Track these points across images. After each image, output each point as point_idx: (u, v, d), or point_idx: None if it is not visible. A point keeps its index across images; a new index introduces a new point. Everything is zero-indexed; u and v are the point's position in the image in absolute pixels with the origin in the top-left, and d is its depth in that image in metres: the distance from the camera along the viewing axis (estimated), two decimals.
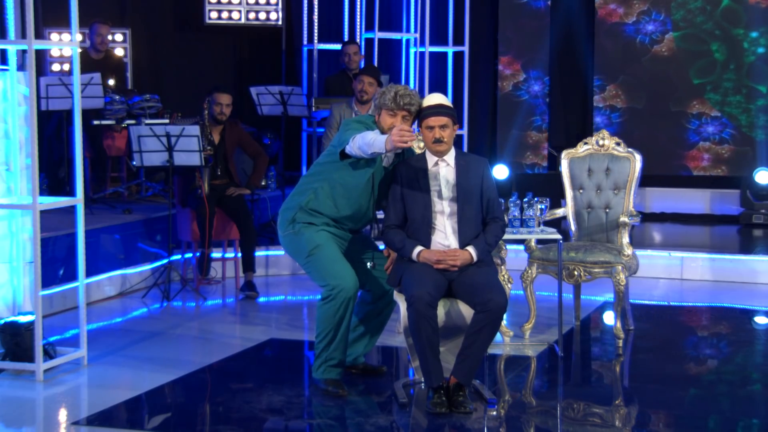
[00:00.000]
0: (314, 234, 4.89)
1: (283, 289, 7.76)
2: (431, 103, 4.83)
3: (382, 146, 4.46)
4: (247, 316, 6.89)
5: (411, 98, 4.77)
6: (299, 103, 8.93)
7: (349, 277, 4.79)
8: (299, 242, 4.92)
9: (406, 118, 4.79)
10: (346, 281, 4.77)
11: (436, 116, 4.77)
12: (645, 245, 8.37)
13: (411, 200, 4.79)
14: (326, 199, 4.89)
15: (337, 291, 4.77)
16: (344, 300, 4.77)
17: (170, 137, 7.06)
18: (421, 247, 4.76)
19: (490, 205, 4.83)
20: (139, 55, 10.40)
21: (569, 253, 5.96)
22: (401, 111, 4.76)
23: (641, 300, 7.18)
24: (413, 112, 4.79)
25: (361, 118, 4.91)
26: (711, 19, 10.01)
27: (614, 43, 10.17)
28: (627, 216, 6.05)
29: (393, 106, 4.76)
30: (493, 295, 4.58)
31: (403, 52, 10.14)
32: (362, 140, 4.54)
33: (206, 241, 7.23)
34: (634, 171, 6.21)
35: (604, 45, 10.18)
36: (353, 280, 4.79)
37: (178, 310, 6.98)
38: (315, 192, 4.92)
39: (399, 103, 4.75)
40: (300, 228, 4.92)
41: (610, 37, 10.16)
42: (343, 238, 4.97)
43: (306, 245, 4.88)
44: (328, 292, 4.80)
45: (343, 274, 4.79)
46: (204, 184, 7.23)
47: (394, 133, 4.38)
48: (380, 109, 4.81)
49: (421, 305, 4.54)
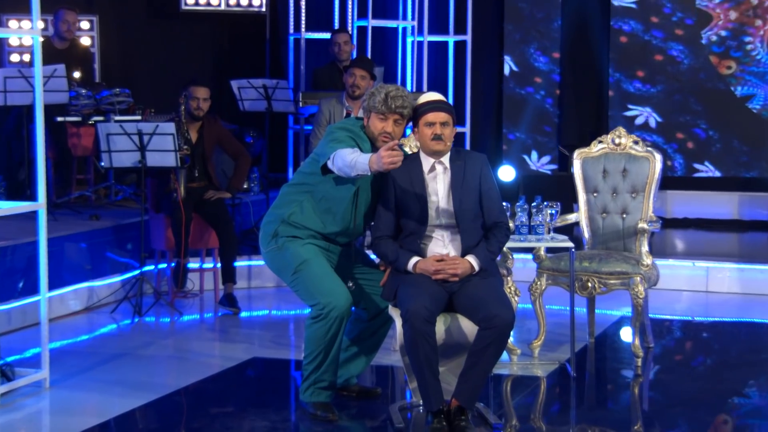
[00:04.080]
0: (300, 248, 4.88)
1: (267, 303, 7.75)
2: (430, 99, 4.83)
3: (366, 167, 4.45)
4: (228, 332, 6.88)
5: (403, 100, 4.76)
6: (285, 98, 8.93)
7: (340, 294, 4.78)
8: (284, 258, 4.91)
9: (398, 122, 4.78)
10: (337, 298, 4.77)
11: (436, 111, 4.77)
12: (666, 254, 8.38)
13: (405, 208, 4.80)
14: (311, 213, 4.89)
15: (328, 309, 4.76)
16: (336, 319, 4.77)
17: (142, 135, 7.06)
18: (417, 258, 4.76)
19: (491, 208, 4.83)
20: (107, 45, 10.39)
21: (582, 263, 5.96)
22: (393, 114, 4.76)
23: (662, 315, 7.18)
24: (406, 115, 4.79)
25: (347, 124, 4.88)
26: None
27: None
28: (646, 222, 6.06)
29: (383, 109, 4.75)
30: (499, 309, 4.58)
31: (399, 42, 10.14)
32: (342, 162, 4.54)
33: (182, 250, 7.23)
34: (654, 172, 6.22)
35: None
36: (345, 297, 4.79)
37: (150, 327, 6.96)
38: (300, 205, 4.91)
39: (390, 105, 4.75)
40: (284, 242, 4.91)
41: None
42: (332, 251, 4.96)
43: (291, 261, 4.87)
44: (318, 311, 4.80)
45: (334, 291, 4.78)
46: (180, 188, 7.23)
47: (383, 156, 4.37)
48: (369, 112, 4.80)
49: (417, 321, 4.54)
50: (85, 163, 9.01)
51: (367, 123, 4.82)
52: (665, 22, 10.12)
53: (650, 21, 10.14)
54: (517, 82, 10.43)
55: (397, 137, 4.81)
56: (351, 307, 4.86)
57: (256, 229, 8.55)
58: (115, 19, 10.54)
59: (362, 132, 4.84)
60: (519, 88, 10.42)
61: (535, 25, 10.35)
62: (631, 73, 10.19)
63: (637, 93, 10.21)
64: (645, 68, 10.18)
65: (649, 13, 10.16)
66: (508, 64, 10.39)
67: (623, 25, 10.20)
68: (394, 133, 4.78)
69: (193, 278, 7.69)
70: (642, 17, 10.16)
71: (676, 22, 10.09)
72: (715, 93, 10.03)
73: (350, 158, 4.52)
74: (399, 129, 4.80)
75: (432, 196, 4.79)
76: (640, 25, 10.16)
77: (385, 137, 4.75)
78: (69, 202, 8.49)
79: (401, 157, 4.41)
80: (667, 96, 10.15)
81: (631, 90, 10.22)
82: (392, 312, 4.86)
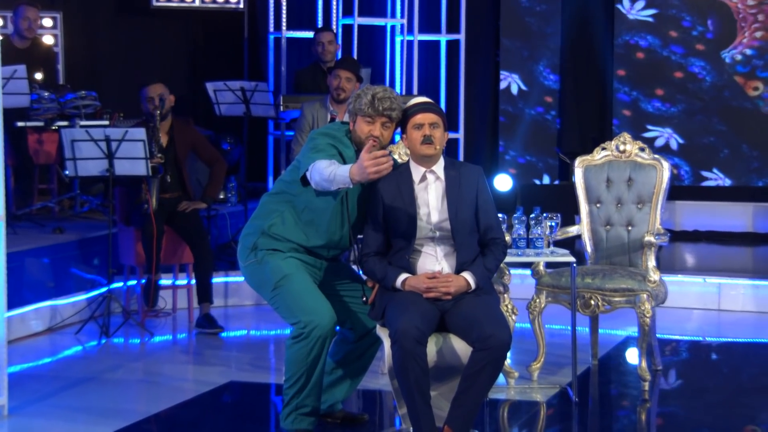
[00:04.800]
0: (281, 262, 4.88)
1: (245, 322, 7.74)
2: (418, 101, 4.86)
3: (347, 179, 4.46)
4: (203, 354, 6.88)
5: (392, 102, 4.78)
6: (264, 102, 8.94)
7: (324, 312, 4.79)
8: (263, 273, 4.91)
9: (386, 125, 4.80)
10: (320, 317, 4.77)
11: (425, 112, 4.80)
12: (675, 269, 8.40)
13: (394, 222, 4.81)
14: (292, 224, 4.89)
15: (310, 328, 4.77)
16: (318, 339, 4.77)
17: (110, 142, 7.06)
18: (407, 275, 4.77)
19: (488, 223, 4.85)
20: (72, 44, 10.40)
21: (585, 279, 5.98)
22: (380, 117, 4.77)
23: (671, 335, 7.21)
24: (395, 118, 4.80)
25: (330, 129, 4.89)
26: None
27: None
28: (653, 235, 6.08)
29: (370, 112, 4.77)
30: (494, 329, 4.59)
31: (387, 41, 10.17)
32: (319, 176, 4.55)
33: (153, 266, 7.22)
34: (662, 181, 6.25)
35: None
36: (329, 316, 4.79)
37: (119, 349, 6.95)
38: (281, 215, 4.91)
39: (377, 108, 4.76)
40: (264, 256, 4.91)
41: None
42: (316, 266, 4.97)
43: (271, 276, 4.88)
44: (299, 329, 4.80)
45: (317, 309, 4.79)
46: (152, 198, 7.23)
47: (366, 163, 4.37)
48: (355, 115, 4.82)
49: (407, 341, 4.55)
50: (48, 171, 9.00)
51: (353, 127, 4.84)
52: (684, 36, 10.09)
53: (668, 35, 10.12)
54: (526, 102, 10.39)
55: (386, 141, 4.82)
56: (335, 326, 4.86)
57: (233, 243, 8.56)
58: (80, 15, 10.55)
59: (347, 137, 4.86)
60: (529, 108, 10.39)
61: (543, 40, 10.36)
62: (649, 91, 10.17)
63: (657, 113, 10.18)
64: (664, 86, 10.17)
65: (667, 27, 10.13)
66: (515, 83, 10.38)
67: (639, 40, 10.16)
68: (382, 137, 4.79)
69: (165, 296, 7.68)
70: (659, 31, 10.13)
71: (696, 36, 10.07)
72: (741, 112, 10.00)
73: (328, 171, 4.53)
74: (387, 133, 4.81)
75: (422, 208, 4.80)
76: (658, 40, 10.14)
77: (373, 141, 4.76)
78: (30, 213, 8.48)
79: (390, 163, 4.42)
80: (689, 116, 10.12)
81: (650, 110, 10.20)
82: (380, 332, 4.87)
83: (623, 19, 10.20)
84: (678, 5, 10.13)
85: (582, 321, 6.19)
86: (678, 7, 10.13)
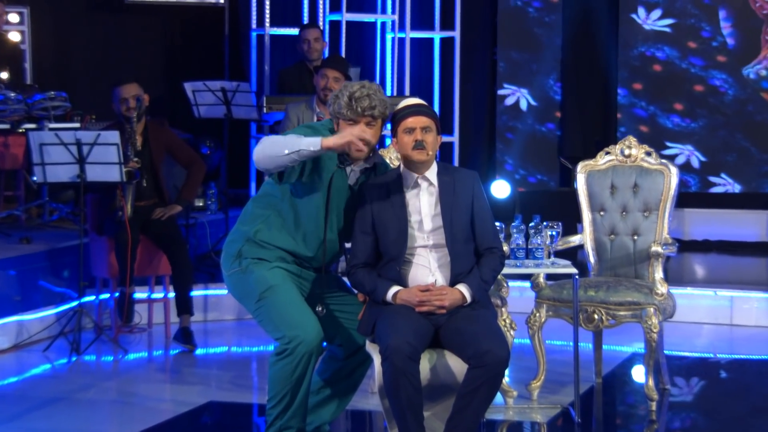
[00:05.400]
0: (266, 272, 4.88)
1: (226, 338, 7.74)
2: (409, 103, 4.87)
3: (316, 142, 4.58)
4: (181, 372, 6.87)
5: (370, 99, 4.75)
6: (246, 103, 8.95)
7: (310, 327, 4.79)
8: (247, 283, 4.91)
9: (371, 125, 4.79)
10: (306, 331, 4.77)
11: (416, 115, 4.80)
12: (684, 281, 8.42)
13: (384, 231, 4.81)
14: (279, 229, 4.89)
15: (294, 344, 4.76)
16: (304, 355, 4.77)
17: (81, 146, 7.06)
18: (398, 287, 4.78)
19: (484, 231, 4.85)
20: (41, 41, 10.39)
21: (588, 292, 6.00)
22: (362, 118, 4.76)
23: (679, 351, 7.22)
24: (378, 114, 4.78)
25: (314, 124, 4.92)
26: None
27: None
28: (660, 244, 6.10)
29: (350, 115, 4.75)
30: (491, 344, 4.60)
31: (377, 39, 10.19)
32: (275, 146, 4.64)
33: (128, 278, 7.22)
34: (669, 187, 6.27)
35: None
36: (315, 331, 4.79)
37: (90, 367, 6.94)
38: (266, 220, 4.92)
39: (356, 109, 4.75)
40: (248, 265, 4.91)
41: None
42: (304, 277, 4.97)
43: (255, 287, 4.88)
44: (283, 345, 4.80)
45: (303, 323, 4.79)
46: (126, 206, 7.23)
47: (355, 131, 4.57)
48: (337, 118, 4.82)
49: (399, 358, 4.56)
50: (15, 177, 8.99)
51: (337, 129, 4.84)
52: (704, 47, 10.08)
53: (687, 47, 10.10)
54: (536, 118, 10.39)
55: (374, 141, 4.82)
56: (322, 342, 4.86)
57: (213, 254, 8.56)
58: (49, 11, 10.54)
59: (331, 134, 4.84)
60: (539, 125, 10.39)
61: (554, 53, 10.37)
62: (667, 106, 10.14)
63: (676, 129, 10.16)
64: (683, 100, 10.15)
65: (686, 38, 10.10)
66: (524, 98, 10.39)
67: (656, 51, 10.15)
68: None
69: (141, 310, 7.67)
70: (677, 42, 10.10)
71: (717, 47, 10.07)
72: (766, 127, 10.00)
73: (285, 139, 4.62)
74: (374, 131, 4.79)
75: (414, 215, 4.81)
76: (676, 52, 10.11)
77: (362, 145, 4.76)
78: None
79: (365, 150, 4.59)
80: (711, 131, 10.11)
81: (669, 125, 10.18)
82: (370, 348, 4.87)
83: (639, 29, 10.14)
84: (697, 14, 10.07)
85: (585, 336, 6.20)
86: (697, 17, 10.08)
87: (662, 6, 10.15)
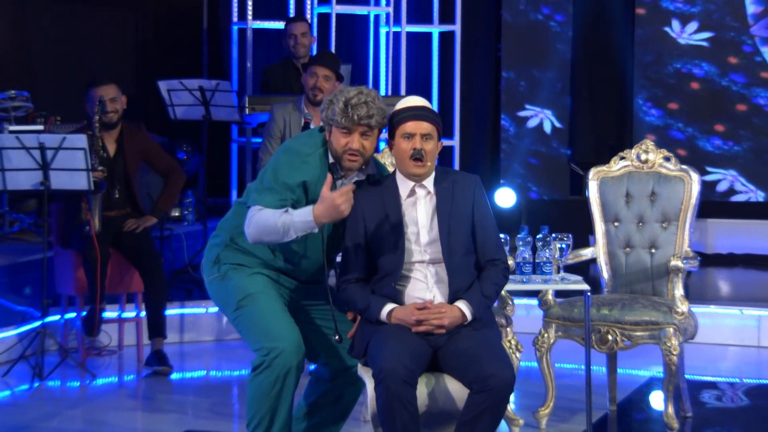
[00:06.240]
0: (245, 279, 4.90)
1: (204, 361, 7.74)
2: (411, 105, 4.86)
3: (311, 224, 4.63)
4: (154, 399, 6.87)
5: (368, 107, 4.75)
6: (227, 104, 8.96)
7: (289, 338, 4.79)
8: (226, 290, 4.93)
9: (366, 134, 4.79)
10: (285, 342, 4.77)
11: (417, 120, 4.79)
12: (707, 299, 8.43)
13: (378, 243, 4.81)
14: None
15: (273, 356, 4.76)
16: (283, 369, 4.77)
17: (45, 150, 7.06)
18: (393, 305, 4.78)
19: (486, 241, 4.85)
20: None
21: (601, 310, 6.01)
22: (358, 127, 4.76)
23: (702, 375, 7.23)
24: (375, 125, 4.78)
25: (302, 145, 4.84)
26: None
27: None
28: (680, 258, 6.11)
29: (345, 123, 4.75)
30: (495, 367, 4.60)
31: (371, 33, 10.21)
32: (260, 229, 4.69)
33: (97, 296, 7.22)
34: (690, 196, 6.28)
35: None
36: (295, 343, 4.79)
37: (55, 393, 6.94)
38: None
39: (352, 117, 4.74)
40: (227, 271, 4.94)
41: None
42: (287, 286, 4.98)
43: (233, 294, 4.90)
44: (261, 357, 4.80)
45: (282, 334, 4.79)
46: (94, 218, 7.23)
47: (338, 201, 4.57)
48: (329, 125, 4.82)
49: (394, 382, 4.56)
50: None
51: (329, 138, 4.84)
52: (746, 62, 10.05)
53: (727, 62, 10.09)
54: (561, 141, 10.38)
55: (369, 153, 4.82)
56: (303, 357, 4.84)
57: (190, 269, 8.57)
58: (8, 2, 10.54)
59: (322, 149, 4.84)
60: (563, 148, 10.39)
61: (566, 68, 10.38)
62: (707, 127, 10.10)
63: (717, 152, 10.13)
64: (725, 121, 10.14)
65: (726, 52, 10.08)
66: (548, 119, 10.39)
67: (693, 68, 10.12)
68: (363, 148, 4.78)
69: (110, 330, 7.67)
70: (717, 58, 10.06)
71: (760, 62, 10.06)
72: None
73: (278, 223, 4.64)
74: (369, 143, 4.80)
75: (410, 227, 4.82)
76: (715, 68, 10.10)
77: (351, 155, 4.76)
78: None
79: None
80: (756, 155, 10.08)
81: (709, 148, 10.16)
82: (362, 372, 4.88)
83: (674, 44, 10.11)
84: (738, 27, 10.06)
85: (598, 359, 6.21)
86: (738, 30, 10.07)
87: (698, 18, 10.10)
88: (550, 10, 10.41)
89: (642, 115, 10.23)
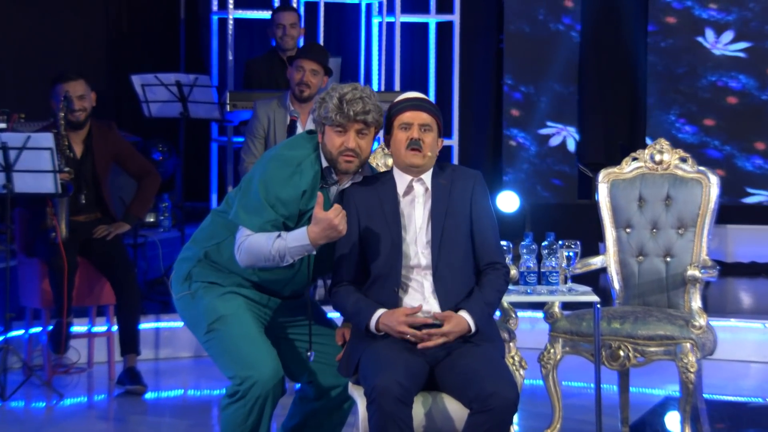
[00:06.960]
0: (217, 300, 4.88)
1: (181, 380, 7.74)
2: (410, 96, 4.88)
3: (309, 247, 4.66)
4: (126, 421, 6.87)
5: (364, 103, 4.76)
6: (206, 100, 8.96)
7: (265, 365, 4.77)
8: (196, 310, 4.92)
9: (362, 132, 4.79)
10: (260, 372, 4.75)
11: (415, 110, 4.81)
12: (726, 312, 8.44)
13: (372, 243, 4.82)
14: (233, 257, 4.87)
15: (247, 385, 4.76)
16: (258, 399, 4.76)
17: (8, 151, 7.06)
18: (383, 310, 4.75)
19: (485, 242, 4.84)
20: None
21: (612, 324, 6.01)
22: (354, 124, 4.76)
23: (721, 395, 7.24)
24: (371, 122, 4.78)
25: (293, 152, 4.82)
26: None
27: None
28: (698, 268, 6.12)
29: (340, 120, 4.75)
30: (497, 385, 4.61)
31: (362, 23, 10.22)
32: (254, 258, 4.72)
33: (64, 309, 7.21)
34: (709, 200, 6.29)
35: None
36: (272, 369, 4.77)
37: (18, 415, 6.93)
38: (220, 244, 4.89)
39: (347, 113, 4.75)
40: (198, 289, 4.92)
41: None
42: (262, 303, 4.96)
43: (204, 316, 4.88)
44: (235, 386, 4.80)
45: (257, 361, 4.77)
46: (60, 224, 7.22)
47: (336, 221, 4.58)
48: (322, 125, 4.81)
49: (387, 401, 4.56)
50: None
51: (322, 139, 4.82)
52: None
53: (767, 74, 10.10)
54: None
55: (365, 153, 4.82)
56: (282, 382, 4.84)
57: (166, 279, 8.56)
58: None
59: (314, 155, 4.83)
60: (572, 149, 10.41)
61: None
62: (746, 145, 10.10)
63: (758, 171, 10.12)
64: (766, 138, 10.14)
65: (765, 63, 10.05)
66: (571, 136, 10.39)
67: (730, 81, 10.11)
68: (359, 148, 4.78)
69: (79, 346, 7.67)
70: (755, 69, 10.06)
71: None
72: None
73: (272, 251, 4.66)
74: (365, 142, 4.81)
75: (409, 227, 4.82)
76: (754, 81, 10.09)
77: (347, 156, 4.76)
78: None
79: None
80: None
81: (749, 168, 10.16)
82: (353, 391, 4.88)
83: (707, 55, 10.11)
84: None
85: (608, 377, 6.22)
86: None
87: (734, 27, 10.10)
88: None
89: (675, 132, 10.20)
